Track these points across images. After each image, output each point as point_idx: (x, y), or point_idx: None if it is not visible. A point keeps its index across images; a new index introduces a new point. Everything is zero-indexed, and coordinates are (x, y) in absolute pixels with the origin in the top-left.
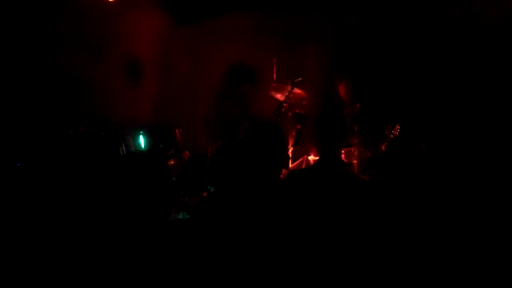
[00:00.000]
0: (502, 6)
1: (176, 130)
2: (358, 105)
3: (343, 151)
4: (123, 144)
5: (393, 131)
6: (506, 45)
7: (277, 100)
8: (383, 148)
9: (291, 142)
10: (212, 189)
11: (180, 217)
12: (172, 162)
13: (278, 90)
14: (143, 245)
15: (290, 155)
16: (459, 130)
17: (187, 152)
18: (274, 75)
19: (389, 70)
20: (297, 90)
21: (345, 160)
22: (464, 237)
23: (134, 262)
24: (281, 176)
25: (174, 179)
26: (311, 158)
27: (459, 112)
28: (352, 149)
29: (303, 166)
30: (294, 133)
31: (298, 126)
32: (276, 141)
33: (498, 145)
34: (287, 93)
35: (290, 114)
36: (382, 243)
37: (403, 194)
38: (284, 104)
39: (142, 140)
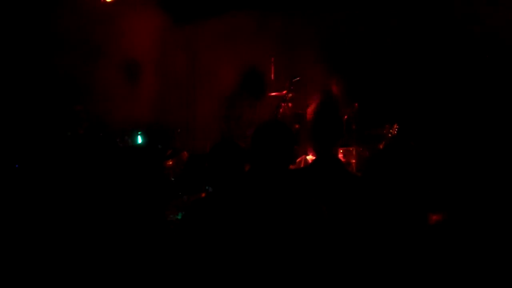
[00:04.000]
0: (501, 6)
1: (174, 131)
2: (356, 104)
3: (341, 151)
4: (121, 145)
5: (391, 131)
6: (504, 45)
7: (275, 99)
8: (381, 147)
9: None
10: (210, 189)
11: (179, 217)
12: (170, 163)
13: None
14: (141, 245)
15: None
16: (457, 130)
17: (185, 152)
18: (272, 75)
19: (387, 70)
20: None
21: (344, 160)
22: (462, 236)
23: (132, 261)
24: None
25: (172, 179)
26: (310, 157)
27: (457, 112)
28: (351, 149)
29: (302, 166)
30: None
31: (297, 126)
32: (284, 139)
33: (496, 145)
34: (285, 93)
35: (288, 114)
36: (378, 241)
37: (396, 192)
38: (283, 104)
39: (140, 141)
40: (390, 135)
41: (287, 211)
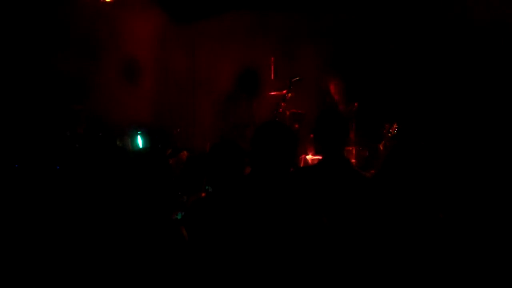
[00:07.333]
0: (495, 6)
1: (174, 130)
2: (356, 104)
3: None
4: (121, 145)
5: (390, 130)
6: (499, 43)
7: (275, 99)
8: (380, 147)
9: None
10: (210, 189)
11: (179, 217)
12: (170, 162)
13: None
14: (141, 245)
15: None
16: (457, 128)
17: (185, 152)
18: (272, 74)
19: (386, 70)
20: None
21: None
22: (463, 236)
23: (132, 261)
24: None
25: (172, 179)
26: (309, 157)
27: (456, 111)
28: (351, 148)
29: (301, 165)
30: None
31: (296, 126)
32: (287, 140)
33: (495, 144)
34: (284, 93)
35: (287, 113)
36: (386, 242)
37: (406, 192)
38: (282, 104)
39: (140, 141)
40: (390, 134)
41: (287, 215)
